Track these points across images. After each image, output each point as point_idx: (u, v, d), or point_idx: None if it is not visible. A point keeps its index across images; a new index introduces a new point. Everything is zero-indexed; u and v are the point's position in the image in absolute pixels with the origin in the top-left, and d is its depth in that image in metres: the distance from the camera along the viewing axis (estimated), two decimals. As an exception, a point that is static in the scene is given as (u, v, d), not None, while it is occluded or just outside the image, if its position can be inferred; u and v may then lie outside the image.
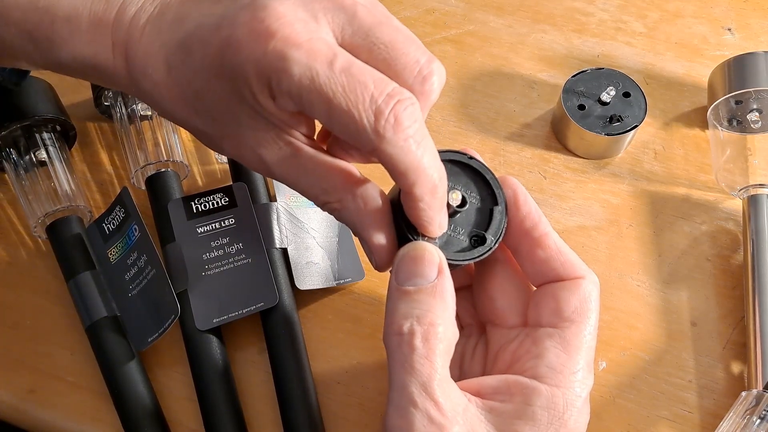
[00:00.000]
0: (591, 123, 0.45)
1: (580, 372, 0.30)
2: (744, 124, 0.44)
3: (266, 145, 0.29)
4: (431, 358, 0.27)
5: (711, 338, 0.41)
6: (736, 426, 0.35)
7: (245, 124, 0.29)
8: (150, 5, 0.30)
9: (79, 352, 0.39)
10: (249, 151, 0.30)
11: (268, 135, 0.29)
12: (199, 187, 0.45)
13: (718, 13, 0.54)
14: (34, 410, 0.38)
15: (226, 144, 0.30)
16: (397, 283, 0.29)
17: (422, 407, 0.27)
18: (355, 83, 0.26)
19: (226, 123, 0.29)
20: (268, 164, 0.30)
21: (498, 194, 0.32)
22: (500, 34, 0.52)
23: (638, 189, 0.46)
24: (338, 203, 0.30)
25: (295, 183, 0.30)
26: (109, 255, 0.40)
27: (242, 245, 0.40)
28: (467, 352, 0.34)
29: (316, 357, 0.40)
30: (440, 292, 0.29)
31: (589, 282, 0.31)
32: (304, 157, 0.29)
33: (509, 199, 0.32)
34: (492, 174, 0.32)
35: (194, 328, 0.38)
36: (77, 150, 0.46)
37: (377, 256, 0.30)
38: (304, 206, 0.42)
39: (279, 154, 0.29)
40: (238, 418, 0.37)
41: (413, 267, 0.29)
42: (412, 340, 0.27)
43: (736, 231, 0.44)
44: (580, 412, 0.29)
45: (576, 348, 0.30)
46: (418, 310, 0.28)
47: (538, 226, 0.32)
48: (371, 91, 0.26)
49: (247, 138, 0.29)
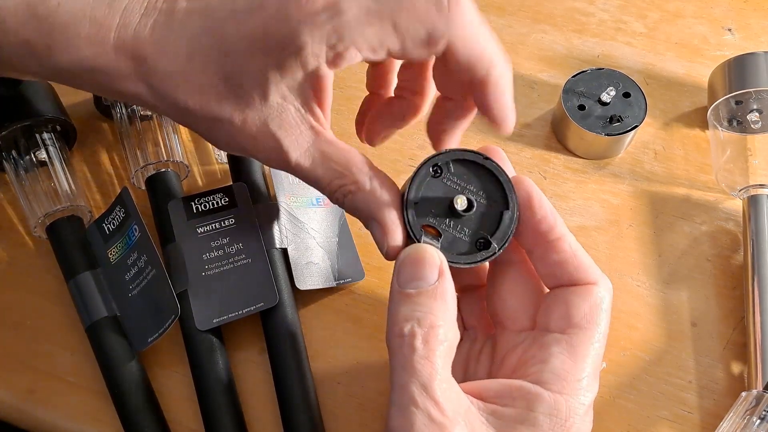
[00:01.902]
0: (591, 123, 0.45)
1: (585, 379, 0.29)
2: (744, 124, 0.44)
3: (289, 128, 0.30)
4: (432, 358, 0.27)
5: (711, 338, 0.41)
6: (736, 426, 0.35)
7: (273, 105, 0.29)
8: (155, 7, 0.30)
9: (79, 352, 0.39)
10: (269, 137, 0.30)
11: (293, 118, 0.30)
12: (199, 187, 0.45)
13: (718, 13, 0.54)
14: (34, 410, 0.38)
15: (243, 130, 0.30)
16: (399, 285, 0.29)
17: (423, 407, 0.27)
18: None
19: (251, 104, 0.29)
20: (287, 150, 0.30)
21: (510, 198, 0.31)
22: (500, 34, 0.52)
23: (638, 189, 0.46)
24: (354, 185, 0.30)
25: (311, 170, 0.30)
26: (109, 255, 0.40)
27: (242, 245, 0.40)
28: (472, 355, 0.34)
29: (316, 357, 0.40)
30: (441, 294, 0.29)
31: (602, 288, 0.31)
32: (324, 141, 0.30)
33: (523, 201, 0.31)
34: (506, 177, 0.31)
35: (194, 328, 0.38)
36: (77, 150, 0.46)
37: (391, 239, 0.30)
38: (304, 206, 0.42)
39: (300, 139, 0.30)
40: (238, 418, 0.37)
41: (414, 269, 0.29)
42: (412, 341, 0.28)
43: (736, 231, 0.44)
44: (583, 420, 0.29)
45: (583, 355, 0.30)
46: (419, 313, 0.28)
47: (554, 229, 0.31)
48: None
49: (271, 121, 0.30)
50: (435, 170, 0.31)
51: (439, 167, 0.31)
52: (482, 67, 0.30)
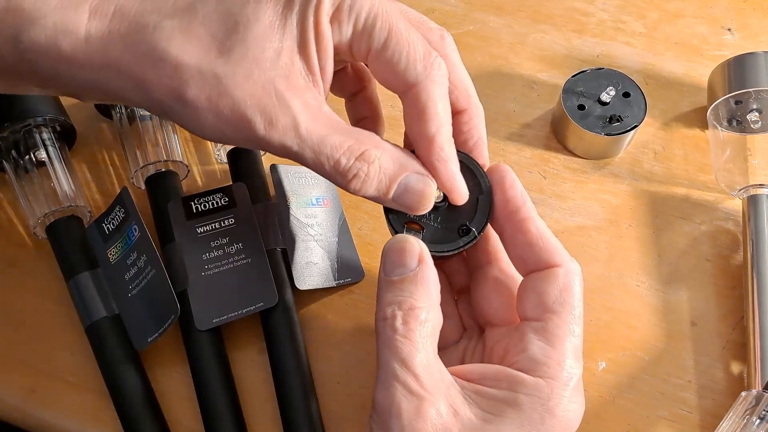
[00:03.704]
0: (591, 123, 0.45)
1: (566, 361, 0.30)
2: (744, 124, 0.44)
3: (297, 92, 0.28)
4: (411, 337, 0.29)
5: (711, 338, 0.41)
6: (736, 426, 0.35)
7: (282, 64, 0.28)
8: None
9: (79, 352, 0.39)
10: (276, 99, 0.28)
11: (301, 81, 0.29)
12: (198, 187, 0.45)
13: (718, 13, 0.54)
14: (34, 410, 0.38)
15: (245, 90, 0.28)
16: (384, 274, 0.31)
17: (402, 380, 0.28)
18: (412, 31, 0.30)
19: (259, 60, 0.28)
20: (296, 114, 0.28)
21: (483, 182, 0.33)
22: (500, 34, 0.52)
23: (638, 189, 0.46)
24: (377, 148, 0.30)
25: (322, 140, 0.29)
26: (109, 255, 0.40)
27: (242, 245, 0.40)
28: (467, 353, 0.35)
29: (316, 357, 0.40)
30: (421, 279, 0.30)
31: (568, 271, 0.31)
32: (328, 112, 0.29)
33: (496, 184, 0.33)
34: (476, 163, 0.33)
35: (194, 328, 0.38)
36: (77, 150, 0.46)
37: (434, 182, 0.31)
38: (304, 206, 0.42)
39: (309, 105, 0.29)
40: (238, 418, 0.37)
41: (396, 258, 0.30)
42: (393, 323, 0.29)
43: (735, 231, 0.44)
44: (569, 401, 0.29)
45: (560, 338, 0.30)
46: (400, 297, 0.30)
47: (521, 209, 0.32)
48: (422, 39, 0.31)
49: (279, 82, 0.28)
50: None
51: None
52: (433, 125, 0.31)
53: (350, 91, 0.37)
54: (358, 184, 0.30)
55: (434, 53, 0.30)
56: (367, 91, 0.37)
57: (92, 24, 0.28)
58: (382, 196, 0.31)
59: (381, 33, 0.29)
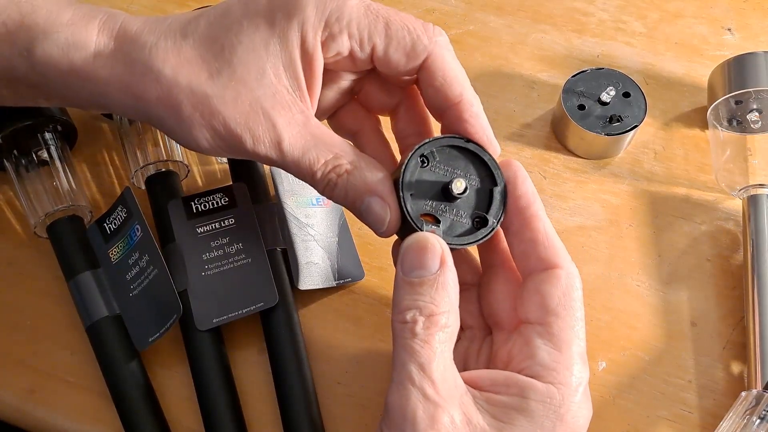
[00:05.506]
0: (591, 123, 0.45)
1: (574, 366, 0.30)
2: (744, 124, 0.44)
3: (282, 110, 0.30)
4: (431, 342, 0.29)
5: (711, 338, 0.41)
6: (736, 426, 0.35)
7: (267, 83, 0.30)
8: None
9: (79, 352, 0.39)
10: (263, 117, 0.30)
11: (287, 99, 0.30)
12: (199, 187, 0.45)
13: (718, 13, 0.54)
14: (34, 410, 0.38)
15: (235, 109, 0.30)
16: (402, 273, 0.30)
17: (419, 384, 0.28)
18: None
19: (245, 80, 0.30)
20: (280, 131, 0.30)
21: (497, 175, 0.32)
22: (500, 34, 0.52)
23: (638, 189, 0.46)
24: (350, 164, 0.31)
25: (304, 151, 0.31)
26: (110, 255, 0.40)
27: (242, 245, 0.40)
28: (471, 355, 0.34)
29: (316, 357, 0.40)
30: (442, 283, 0.29)
31: (569, 273, 0.31)
32: (314, 125, 0.31)
33: (509, 180, 0.33)
34: (489, 155, 0.33)
35: (194, 328, 0.38)
36: (78, 150, 0.46)
37: (393, 210, 0.31)
38: (304, 206, 0.42)
39: (293, 120, 0.31)
40: (238, 418, 0.37)
41: (417, 258, 0.30)
42: (414, 327, 0.29)
43: (735, 231, 0.44)
44: (579, 407, 0.29)
45: (567, 343, 0.30)
46: (421, 302, 0.29)
47: (532, 206, 0.32)
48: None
49: (264, 100, 0.30)
50: (422, 160, 0.32)
51: (425, 156, 0.32)
52: (458, 85, 0.32)
53: (376, 114, 0.37)
54: (331, 193, 0.32)
55: (427, 23, 0.32)
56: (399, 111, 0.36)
57: (101, 40, 0.31)
58: (350, 207, 0.32)
59: (378, 26, 0.31)
